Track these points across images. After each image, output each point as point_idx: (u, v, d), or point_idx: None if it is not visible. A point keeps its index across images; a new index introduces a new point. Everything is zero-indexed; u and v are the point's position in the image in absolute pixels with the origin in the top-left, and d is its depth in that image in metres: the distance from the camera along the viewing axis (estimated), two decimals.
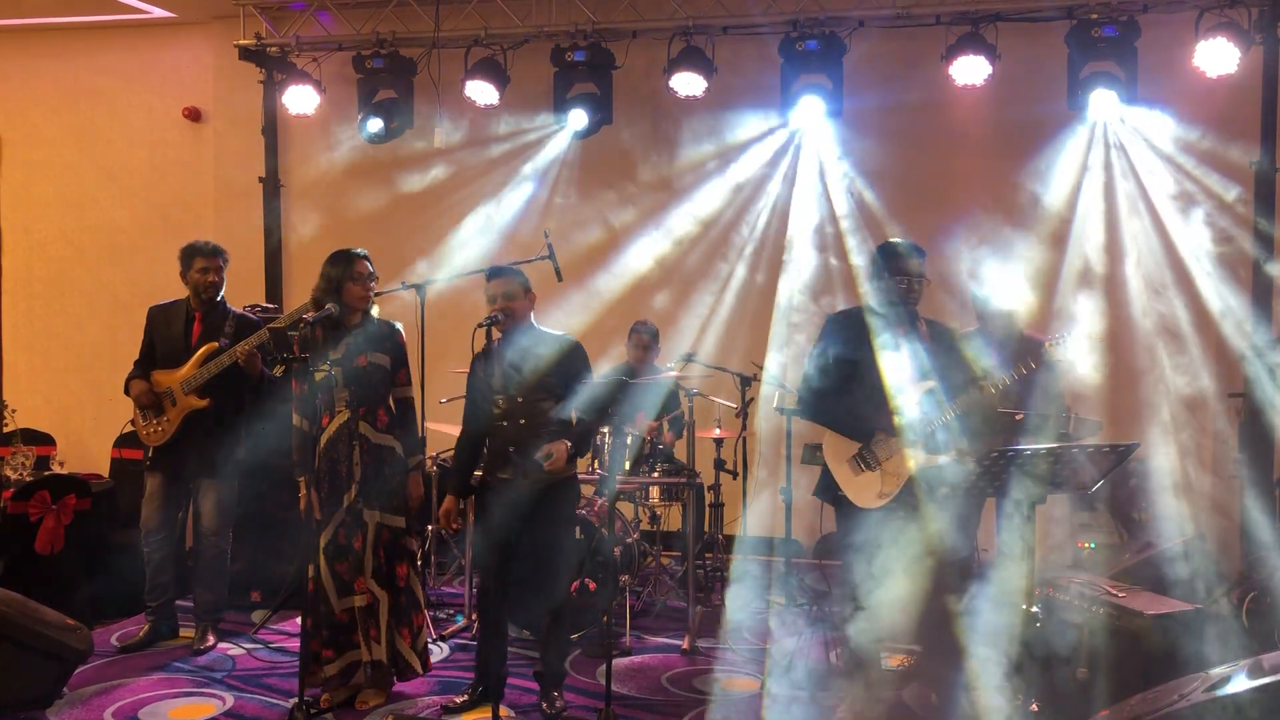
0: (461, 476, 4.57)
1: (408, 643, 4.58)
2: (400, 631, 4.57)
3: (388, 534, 4.53)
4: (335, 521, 4.46)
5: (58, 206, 8.33)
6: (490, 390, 4.38)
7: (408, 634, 4.59)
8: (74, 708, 4.53)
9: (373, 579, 4.49)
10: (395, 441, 4.55)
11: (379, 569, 4.50)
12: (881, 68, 6.83)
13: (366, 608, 4.48)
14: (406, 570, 4.59)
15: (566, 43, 6.87)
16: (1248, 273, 6.39)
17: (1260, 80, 6.36)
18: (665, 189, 7.37)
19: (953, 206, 6.84)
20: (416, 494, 4.64)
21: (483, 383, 4.43)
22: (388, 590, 4.52)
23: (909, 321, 4.27)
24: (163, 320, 5.35)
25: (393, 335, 4.61)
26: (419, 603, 4.71)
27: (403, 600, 4.57)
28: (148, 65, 8.20)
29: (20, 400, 7.77)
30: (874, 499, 4.23)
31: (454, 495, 4.56)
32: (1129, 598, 4.12)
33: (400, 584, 4.56)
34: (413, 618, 4.63)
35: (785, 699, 4.62)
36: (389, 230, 7.48)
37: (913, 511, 4.15)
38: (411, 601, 4.63)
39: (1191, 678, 3.53)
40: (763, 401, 6.24)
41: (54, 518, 5.54)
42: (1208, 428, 6.44)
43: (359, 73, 7.21)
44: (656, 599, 6.13)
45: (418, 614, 4.67)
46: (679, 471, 5.90)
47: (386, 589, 4.52)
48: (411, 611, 4.63)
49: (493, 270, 4.54)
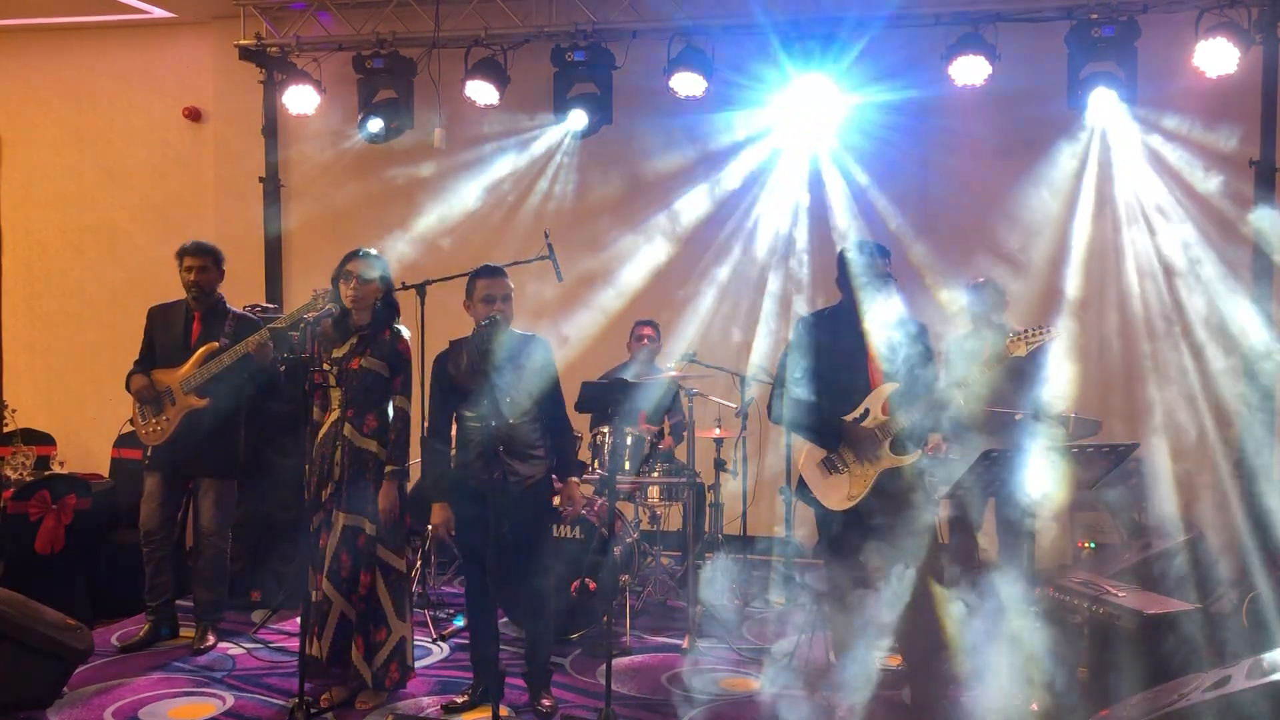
0: (442, 481, 4.51)
1: (360, 653, 4.47)
2: (355, 640, 4.47)
3: (361, 539, 4.46)
4: (317, 519, 4.48)
5: (58, 206, 8.33)
6: (468, 390, 4.36)
7: (361, 644, 4.47)
8: (74, 708, 4.53)
9: (328, 580, 4.44)
10: (380, 448, 4.48)
11: (336, 572, 4.44)
12: (881, 67, 6.83)
13: (318, 604, 4.46)
14: (371, 580, 4.47)
15: (566, 43, 6.87)
16: (1247, 272, 6.39)
17: (1260, 80, 6.36)
18: (665, 189, 7.36)
19: (952, 206, 6.86)
20: (385, 504, 4.45)
21: (458, 382, 4.40)
22: (343, 595, 4.44)
23: (880, 322, 4.28)
24: (162, 320, 5.35)
25: (393, 342, 4.54)
26: (383, 616, 4.50)
27: (361, 609, 4.48)
28: (148, 65, 8.20)
29: (20, 400, 7.78)
30: (843, 500, 4.25)
31: (443, 502, 4.47)
32: (1129, 598, 4.12)
33: (362, 592, 4.46)
34: (371, 630, 4.49)
35: (785, 699, 4.62)
36: (389, 230, 7.47)
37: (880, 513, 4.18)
38: (372, 612, 4.48)
39: (1191, 678, 3.53)
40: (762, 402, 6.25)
41: (54, 518, 5.55)
42: (1207, 427, 6.44)
43: (359, 73, 7.21)
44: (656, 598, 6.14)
45: (381, 628, 4.49)
46: (679, 471, 5.90)
47: (343, 594, 4.45)
48: (370, 623, 4.48)
49: (487, 269, 4.49)
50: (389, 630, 4.53)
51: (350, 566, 4.45)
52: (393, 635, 4.53)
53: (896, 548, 4.12)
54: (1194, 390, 6.38)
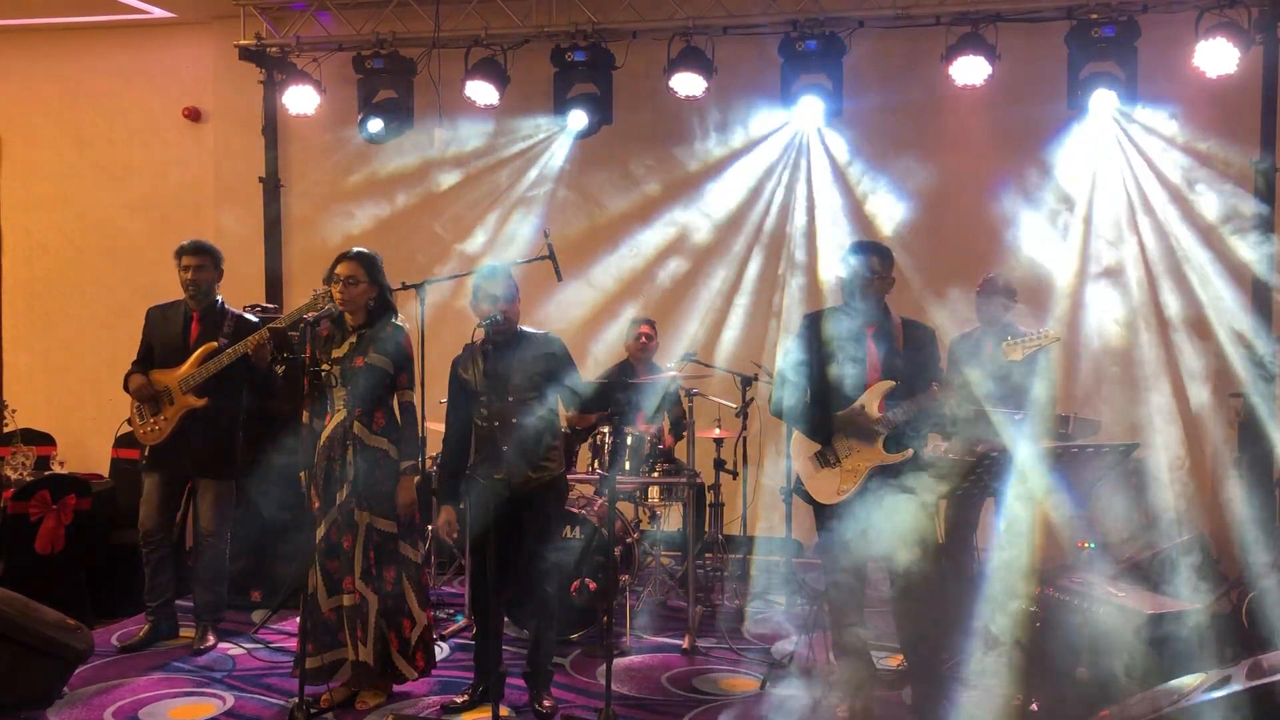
0: (453, 484, 4.55)
1: (395, 647, 4.52)
2: (389, 636, 4.52)
3: (378, 536, 4.48)
4: (328, 520, 4.47)
5: (58, 206, 8.33)
6: (479, 392, 4.38)
7: (395, 639, 4.52)
8: (74, 708, 4.53)
9: (361, 579, 4.46)
10: (390, 445, 4.50)
11: (368, 570, 4.47)
12: (882, 68, 6.83)
13: (354, 607, 4.46)
14: (395, 575, 4.51)
15: (566, 43, 6.87)
16: (1247, 273, 6.40)
17: (1260, 80, 6.36)
18: (665, 189, 7.36)
19: (953, 206, 6.85)
20: (404, 500, 4.50)
21: (470, 384, 4.43)
22: (376, 593, 4.48)
23: (879, 321, 4.29)
24: (161, 320, 5.35)
25: (395, 338, 4.53)
26: (408, 609, 4.56)
27: (389, 605, 4.50)
28: (148, 65, 8.19)
29: (20, 400, 7.76)
30: (833, 495, 4.29)
31: (449, 505, 4.53)
32: (1129, 598, 4.12)
33: (388, 588, 4.50)
34: (401, 623, 4.54)
35: (785, 699, 4.62)
36: (388, 230, 7.48)
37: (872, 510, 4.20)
38: (398, 607, 4.53)
39: (1191, 678, 3.53)
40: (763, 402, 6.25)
41: (54, 518, 5.54)
42: (1207, 428, 6.44)
43: (359, 73, 7.21)
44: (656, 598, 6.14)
45: (406, 620, 4.55)
46: (679, 471, 5.90)
47: (376, 592, 4.48)
48: (399, 617, 4.54)
49: (490, 269, 4.51)
50: (413, 621, 4.59)
51: (378, 564, 4.49)
52: (417, 625, 4.59)
53: (890, 546, 4.14)
54: (1194, 390, 6.38)
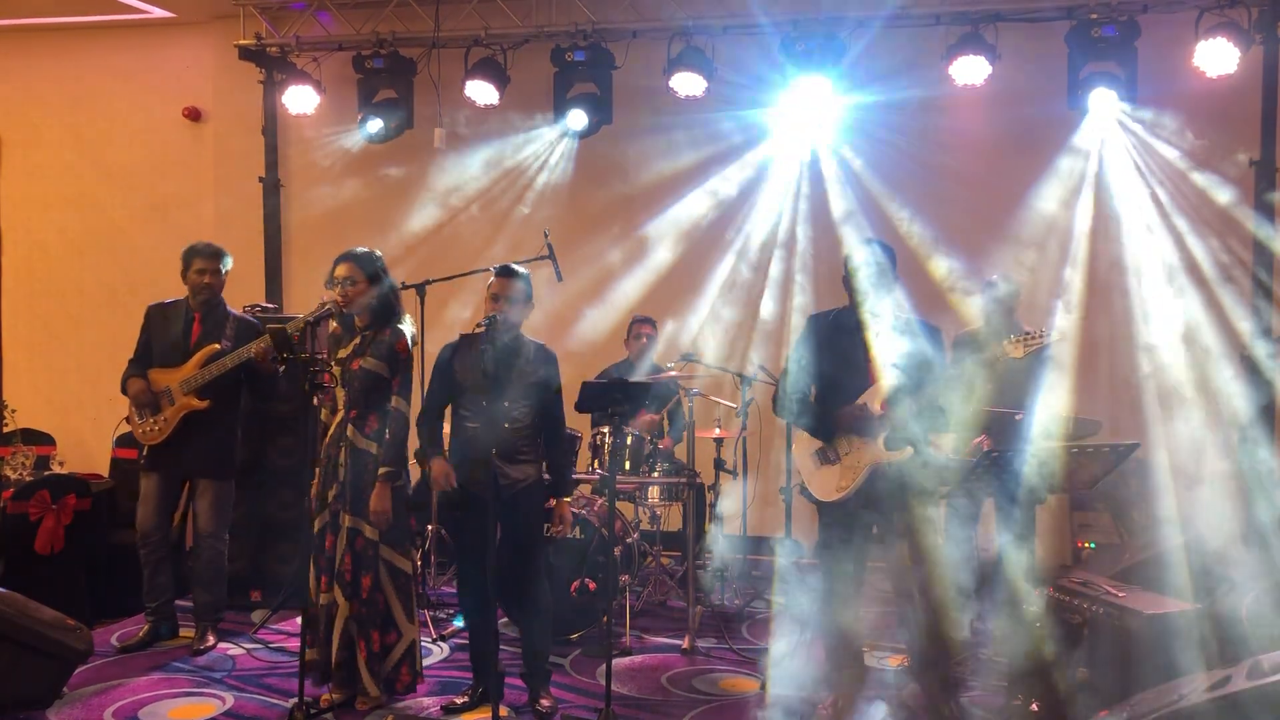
0: (434, 437, 4.51)
1: (364, 658, 4.43)
2: (359, 645, 4.44)
3: (360, 541, 4.43)
4: (321, 518, 4.48)
5: (58, 206, 8.32)
6: (470, 389, 4.38)
7: (364, 649, 4.43)
8: (74, 708, 4.53)
9: (336, 583, 4.42)
10: (380, 450, 4.45)
11: (341, 574, 4.42)
12: (882, 67, 6.82)
13: (326, 607, 4.45)
14: (373, 582, 4.43)
15: (566, 43, 6.87)
16: (1247, 272, 6.39)
17: (1260, 80, 6.36)
18: (665, 189, 7.36)
19: (953, 206, 6.85)
20: (377, 507, 4.36)
21: (459, 376, 4.42)
22: (348, 598, 4.42)
23: (883, 319, 4.30)
24: (161, 320, 5.34)
25: (391, 341, 4.48)
26: (389, 621, 4.46)
27: (362, 612, 4.43)
28: (148, 65, 8.19)
29: (20, 400, 7.77)
30: (833, 492, 4.30)
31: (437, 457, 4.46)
32: (1129, 598, 4.12)
33: (363, 595, 4.42)
34: (372, 634, 4.43)
35: (785, 699, 4.61)
36: (389, 230, 7.47)
37: (869, 507, 4.22)
38: (374, 617, 4.43)
39: (1191, 678, 3.53)
40: (762, 401, 6.24)
41: (54, 518, 5.54)
42: (1208, 427, 6.43)
43: (359, 73, 7.21)
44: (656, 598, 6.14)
45: (391, 631, 4.47)
46: (679, 471, 5.89)
47: (349, 597, 4.42)
48: (373, 628, 4.43)
49: (503, 269, 4.50)
50: (399, 634, 4.50)
51: (352, 569, 4.43)
52: (403, 639, 4.50)
53: (891, 544, 4.14)
54: (1194, 390, 6.37)
